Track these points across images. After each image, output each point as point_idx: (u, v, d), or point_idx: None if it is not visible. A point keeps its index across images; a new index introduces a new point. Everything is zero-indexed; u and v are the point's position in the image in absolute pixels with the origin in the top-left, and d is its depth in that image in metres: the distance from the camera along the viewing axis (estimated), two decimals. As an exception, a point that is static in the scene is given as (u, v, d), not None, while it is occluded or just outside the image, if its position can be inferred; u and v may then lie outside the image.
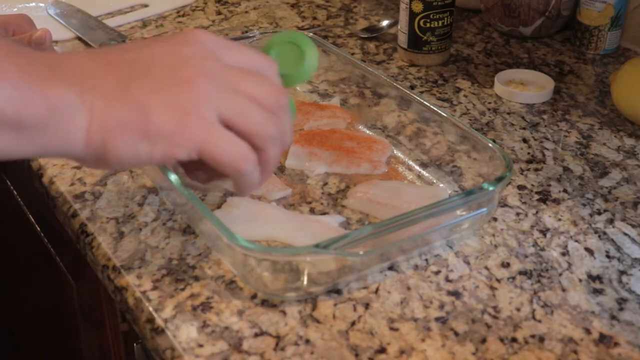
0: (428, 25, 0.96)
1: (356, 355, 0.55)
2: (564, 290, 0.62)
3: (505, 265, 0.64)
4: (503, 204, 0.72)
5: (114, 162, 0.51)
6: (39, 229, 1.02)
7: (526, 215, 0.71)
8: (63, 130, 0.49)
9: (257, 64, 0.56)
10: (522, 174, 0.77)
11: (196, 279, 0.62)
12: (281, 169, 0.76)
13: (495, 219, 0.70)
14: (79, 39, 1.06)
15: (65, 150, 0.50)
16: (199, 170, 0.57)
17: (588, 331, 0.58)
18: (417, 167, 0.77)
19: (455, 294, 0.61)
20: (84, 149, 0.50)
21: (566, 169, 0.78)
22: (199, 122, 0.51)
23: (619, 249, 0.67)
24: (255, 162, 0.53)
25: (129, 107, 0.50)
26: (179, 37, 0.54)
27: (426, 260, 0.65)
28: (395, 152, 0.79)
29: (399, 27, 1.00)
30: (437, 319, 0.59)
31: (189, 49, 0.53)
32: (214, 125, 0.51)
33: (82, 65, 0.51)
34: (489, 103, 0.91)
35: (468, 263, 0.65)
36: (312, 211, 0.70)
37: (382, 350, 0.56)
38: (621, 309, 0.60)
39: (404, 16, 0.98)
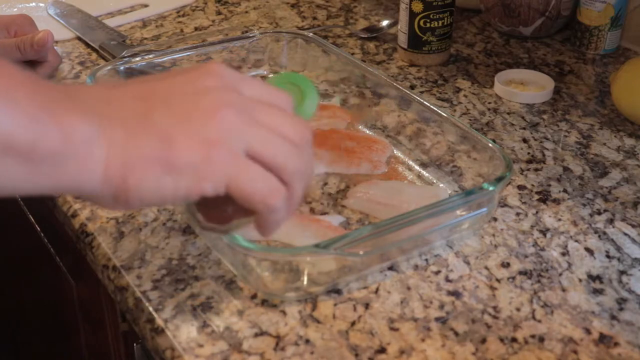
0: (428, 25, 0.96)
1: (356, 355, 0.55)
2: (564, 290, 0.62)
3: (505, 265, 0.64)
4: (503, 204, 0.72)
5: (134, 200, 0.47)
6: (39, 229, 1.02)
7: (526, 215, 0.71)
8: (78, 162, 0.45)
9: (275, 98, 0.53)
10: (522, 174, 0.77)
11: (196, 279, 0.62)
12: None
13: (495, 219, 0.70)
14: (79, 39, 1.06)
15: (82, 185, 0.46)
16: (219, 208, 0.53)
17: (588, 331, 0.58)
18: (417, 167, 0.77)
19: (455, 294, 0.61)
20: (101, 184, 0.46)
21: (566, 169, 0.78)
22: (226, 154, 0.47)
23: (619, 249, 0.67)
24: (285, 197, 0.50)
25: (151, 138, 0.46)
26: (197, 70, 0.52)
27: (426, 260, 0.65)
28: (395, 152, 0.79)
29: (399, 27, 1.00)
30: (437, 319, 0.59)
31: (209, 81, 0.50)
32: (241, 158, 0.48)
33: (99, 96, 0.48)
34: (489, 103, 0.91)
35: (468, 263, 0.65)
36: (312, 211, 0.70)
37: (382, 350, 0.56)
38: (621, 309, 0.60)
39: (404, 16, 0.98)
